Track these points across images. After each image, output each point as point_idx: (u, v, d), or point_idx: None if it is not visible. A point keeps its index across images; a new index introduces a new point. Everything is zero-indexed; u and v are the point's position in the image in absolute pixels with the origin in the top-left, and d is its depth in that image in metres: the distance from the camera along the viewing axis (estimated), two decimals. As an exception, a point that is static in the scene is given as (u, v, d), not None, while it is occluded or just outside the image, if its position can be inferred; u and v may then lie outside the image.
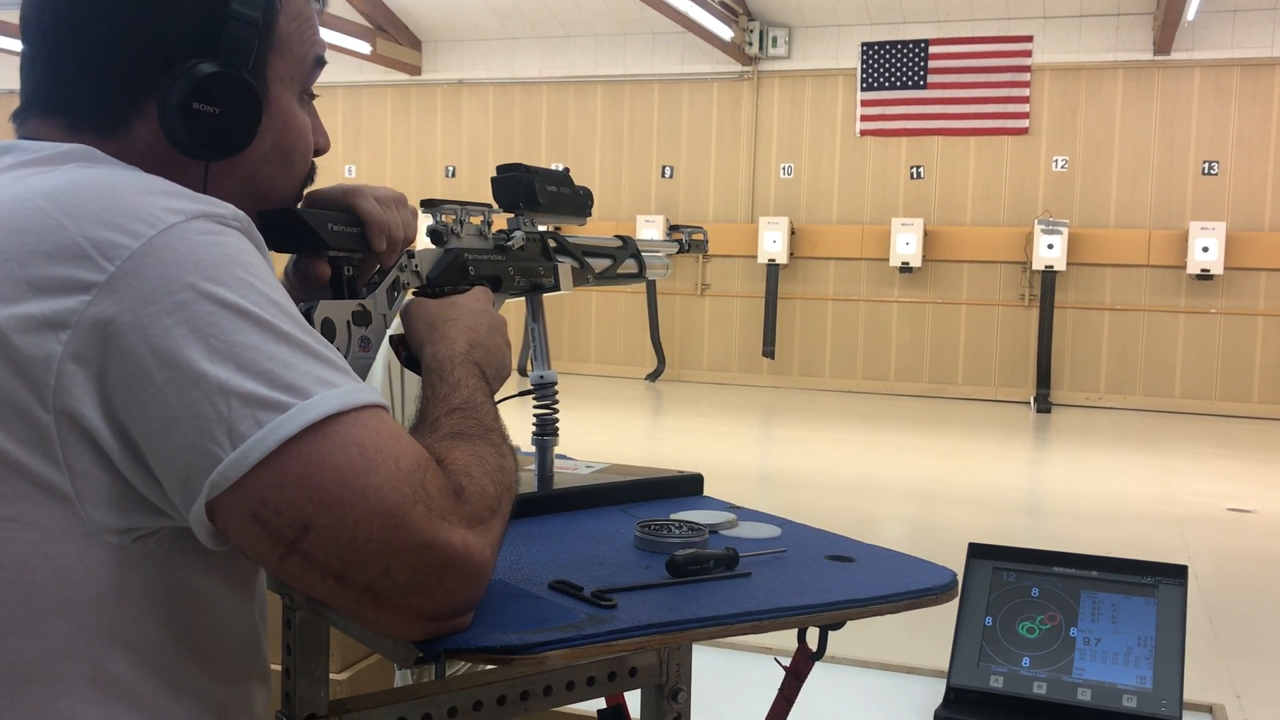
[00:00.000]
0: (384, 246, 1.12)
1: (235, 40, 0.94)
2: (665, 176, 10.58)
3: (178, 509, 0.80)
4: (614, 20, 10.32)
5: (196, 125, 0.91)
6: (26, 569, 0.77)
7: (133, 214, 0.80)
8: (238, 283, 0.81)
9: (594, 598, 0.99)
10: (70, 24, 0.91)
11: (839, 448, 7.45)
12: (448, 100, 11.42)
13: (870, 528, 5.00)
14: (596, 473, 1.48)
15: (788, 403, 9.41)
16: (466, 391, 1.03)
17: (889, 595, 1.10)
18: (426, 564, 0.82)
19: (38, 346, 0.76)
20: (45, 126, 0.93)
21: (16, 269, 0.78)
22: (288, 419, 0.78)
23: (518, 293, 1.39)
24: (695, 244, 1.71)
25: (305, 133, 1.03)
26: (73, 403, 0.77)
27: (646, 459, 2.28)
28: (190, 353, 0.77)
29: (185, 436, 0.77)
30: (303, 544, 0.79)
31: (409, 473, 0.82)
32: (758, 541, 1.23)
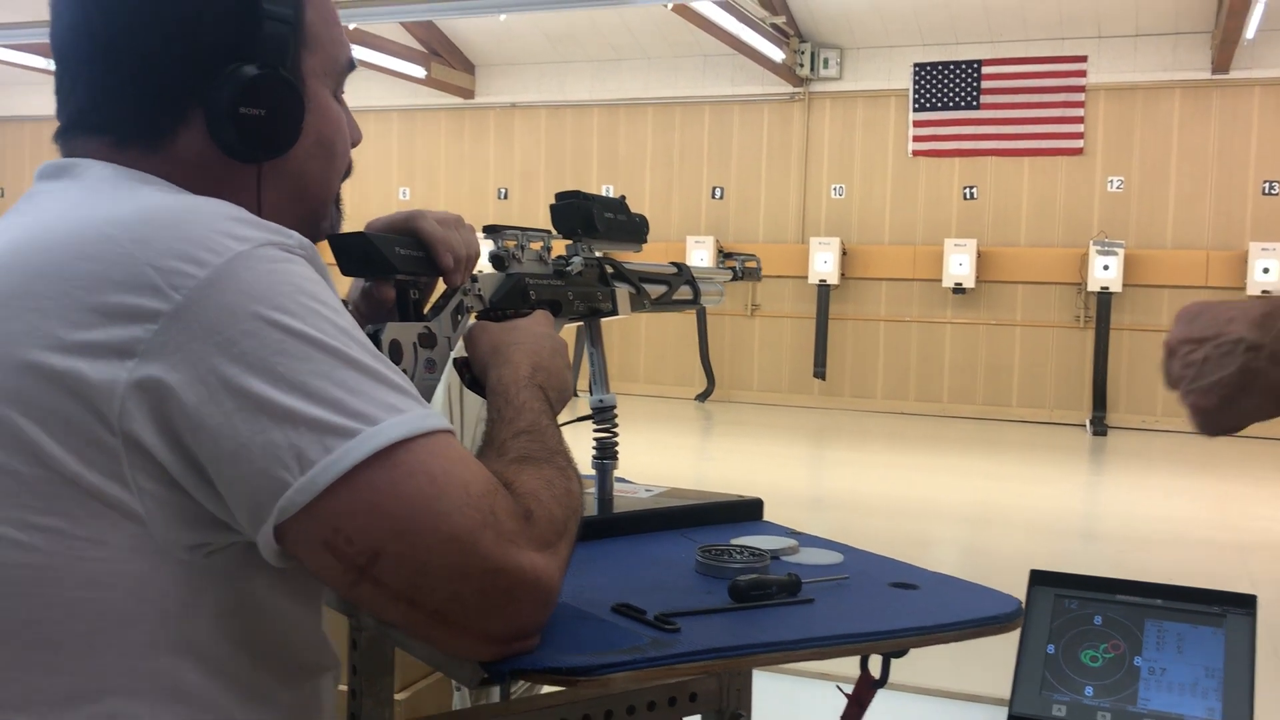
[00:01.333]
0: (451, 264, 1.13)
1: (272, 40, 0.95)
2: (716, 197, 10.59)
3: (243, 528, 0.82)
4: (665, 43, 10.37)
5: (245, 129, 0.93)
6: (103, 586, 0.79)
7: (199, 243, 0.81)
8: (304, 310, 0.82)
9: (657, 621, 0.99)
10: (108, 44, 0.92)
11: (891, 470, 7.39)
12: (500, 123, 11.53)
13: (924, 552, 4.95)
14: (656, 496, 1.49)
15: (839, 424, 9.35)
16: (531, 415, 1.04)
17: (953, 623, 1.09)
18: (496, 588, 0.83)
19: (104, 373, 0.78)
20: (91, 144, 0.94)
21: (84, 296, 0.79)
22: (356, 445, 0.79)
23: (576, 317, 1.40)
24: (749, 272, 1.72)
25: (343, 125, 1.05)
26: (136, 427, 0.78)
27: (696, 480, 2.27)
28: (258, 380, 0.79)
29: (255, 462, 0.78)
30: (373, 570, 0.80)
31: (478, 498, 0.83)
32: (820, 568, 1.22)
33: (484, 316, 1.24)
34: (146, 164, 0.93)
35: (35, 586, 0.78)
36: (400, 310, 1.15)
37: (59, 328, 0.79)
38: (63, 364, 0.78)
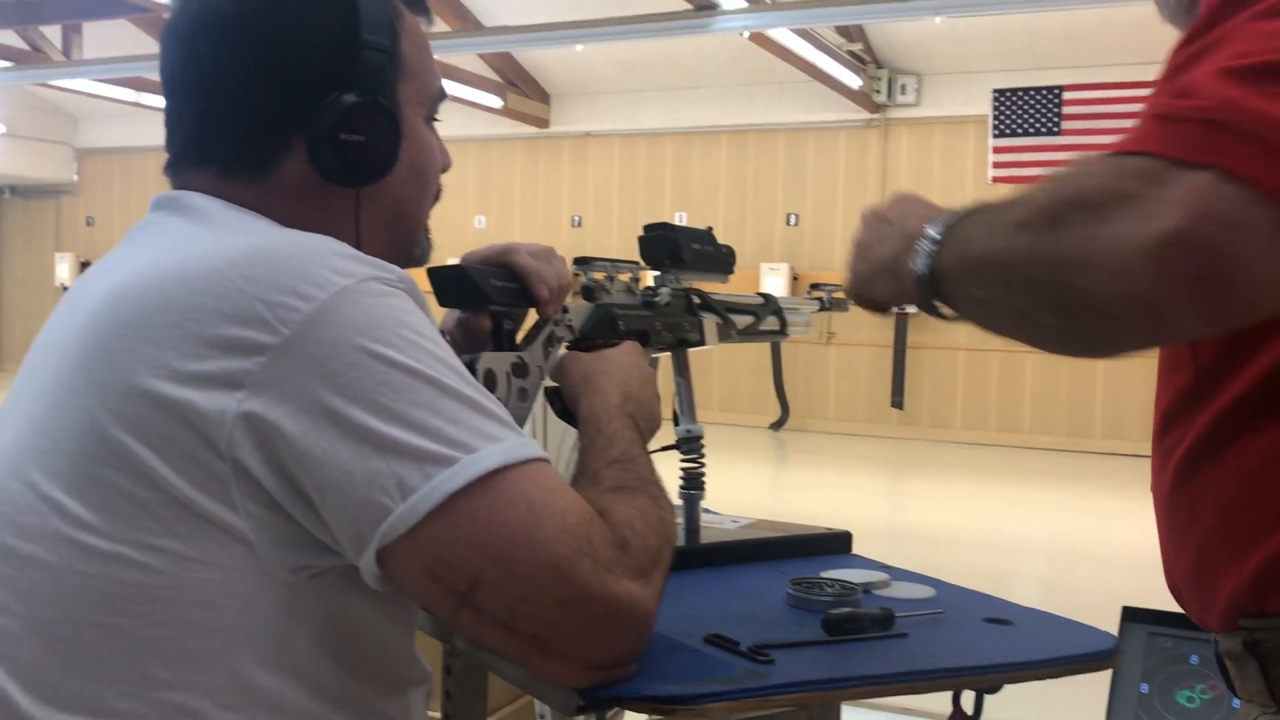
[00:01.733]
0: (546, 295, 1.16)
1: (370, 69, 0.98)
2: (790, 224, 10.57)
3: (346, 552, 0.84)
4: (740, 71, 10.40)
5: (345, 154, 0.96)
6: (214, 606, 0.82)
7: (305, 278, 0.84)
8: (405, 343, 0.84)
9: (751, 652, 0.99)
10: (214, 75, 0.96)
11: (972, 502, 7.28)
12: (574, 152, 11.64)
13: (1007, 586, 4.86)
14: (743, 528, 1.49)
15: (917, 454, 9.24)
16: (623, 444, 1.05)
17: (1048, 660, 1.08)
18: (593, 616, 0.84)
19: (214, 402, 0.81)
20: (199, 176, 0.98)
21: (197, 328, 0.82)
22: (455, 473, 0.81)
23: (664, 347, 1.41)
24: (836, 302, 1.71)
25: (435, 152, 1.08)
26: (243, 455, 0.81)
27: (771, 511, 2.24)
28: (362, 411, 0.81)
29: (358, 490, 0.81)
30: (474, 597, 0.82)
31: (575, 526, 0.84)
32: (912, 602, 1.21)
33: (574, 346, 1.26)
34: (250, 193, 0.97)
35: (152, 605, 0.81)
36: (495, 340, 1.17)
37: (173, 358, 0.82)
38: (175, 393, 0.81)
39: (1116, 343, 0.79)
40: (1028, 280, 0.79)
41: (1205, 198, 0.71)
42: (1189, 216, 0.70)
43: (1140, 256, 0.71)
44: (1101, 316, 0.76)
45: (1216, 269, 0.71)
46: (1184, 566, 0.99)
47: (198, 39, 0.97)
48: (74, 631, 0.81)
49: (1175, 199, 0.71)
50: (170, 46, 0.99)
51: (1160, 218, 0.71)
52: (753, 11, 7.54)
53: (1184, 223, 0.70)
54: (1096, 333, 0.78)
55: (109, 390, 0.83)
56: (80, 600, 0.81)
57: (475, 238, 11.25)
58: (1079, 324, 0.78)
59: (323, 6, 0.97)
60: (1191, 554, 0.97)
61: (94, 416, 0.83)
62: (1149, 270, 0.71)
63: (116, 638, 0.81)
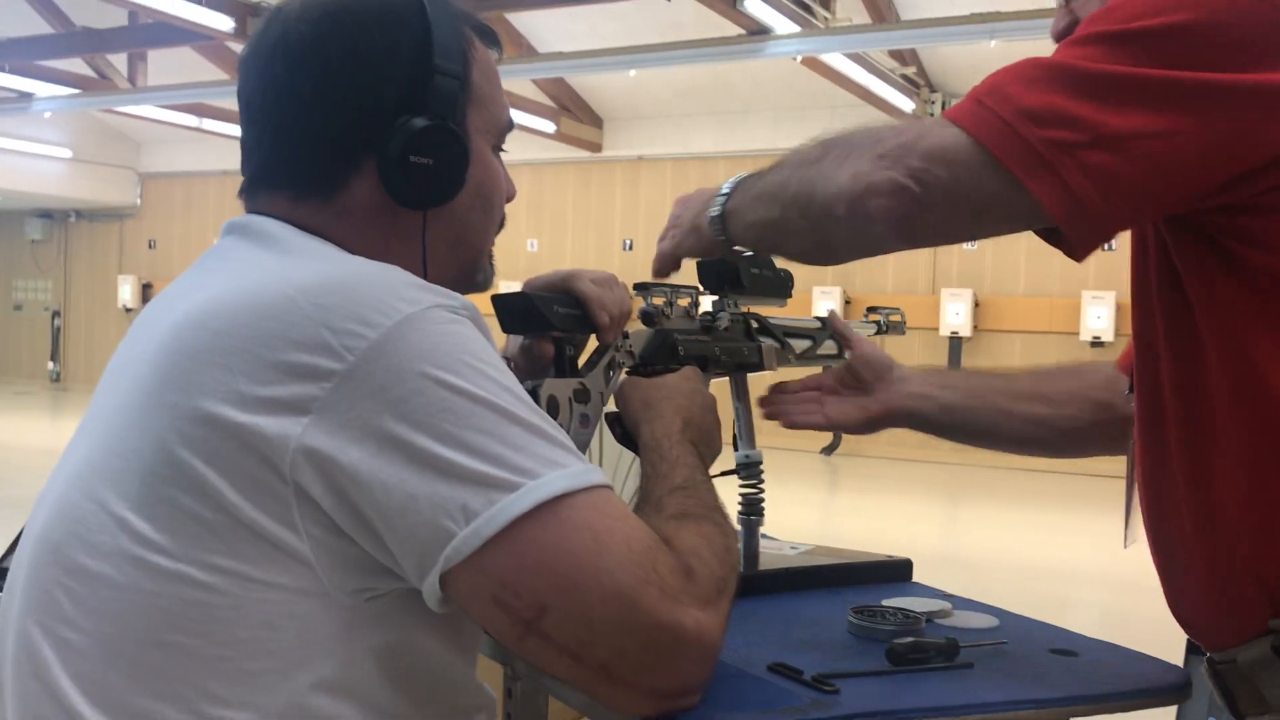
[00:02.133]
0: (606, 322, 1.16)
1: (442, 94, 0.99)
2: (843, 249, 10.52)
3: (408, 576, 0.85)
4: (793, 95, 10.41)
5: (415, 177, 0.97)
6: (275, 627, 0.83)
7: (371, 306, 0.85)
8: (469, 370, 0.85)
9: (815, 682, 0.98)
10: (291, 97, 0.98)
11: (1028, 529, 7.18)
12: (626, 175, 11.70)
13: (1065, 615, 4.78)
14: (802, 554, 1.48)
15: (971, 480, 9.13)
16: (686, 470, 1.05)
17: (1117, 693, 1.06)
18: (660, 644, 0.84)
19: (279, 427, 0.82)
20: (272, 199, 1.00)
21: (265, 353, 0.84)
22: (518, 498, 0.82)
23: (723, 372, 1.41)
24: (893, 326, 1.71)
25: (501, 180, 1.09)
26: (305, 479, 0.82)
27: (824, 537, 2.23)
28: (425, 437, 0.82)
29: (422, 514, 0.81)
30: (541, 625, 0.82)
31: (640, 555, 0.84)
32: (976, 632, 1.20)
33: (634, 372, 1.26)
34: (321, 216, 0.99)
35: (213, 624, 0.82)
36: (557, 366, 1.18)
37: (240, 382, 0.83)
38: (241, 417, 0.82)
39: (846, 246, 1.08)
40: (787, 193, 1.08)
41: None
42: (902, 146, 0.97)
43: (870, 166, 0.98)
44: (833, 219, 1.02)
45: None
46: (1196, 586, 1.04)
47: (277, 63, 0.99)
48: (138, 649, 0.83)
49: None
50: (249, 72, 1.02)
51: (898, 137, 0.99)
52: (805, 36, 7.55)
53: (899, 148, 0.97)
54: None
55: (177, 413, 0.85)
56: (144, 618, 0.83)
57: (528, 260, 11.33)
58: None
59: (400, 33, 0.99)
60: (1205, 569, 1.02)
61: (163, 438, 0.84)
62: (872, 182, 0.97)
63: (178, 656, 0.82)
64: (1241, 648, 1.00)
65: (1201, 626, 1.08)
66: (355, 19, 0.98)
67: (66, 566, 0.86)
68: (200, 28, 8.17)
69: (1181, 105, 0.89)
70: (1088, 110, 0.90)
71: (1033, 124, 0.91)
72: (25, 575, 0.90)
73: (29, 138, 13.51)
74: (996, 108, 0.93)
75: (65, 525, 0.88)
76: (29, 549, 0.91)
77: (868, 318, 1.70)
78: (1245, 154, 0.90)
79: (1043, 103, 0.91)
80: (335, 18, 0.98)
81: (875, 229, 0.98)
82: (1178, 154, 0.90)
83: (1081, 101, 0.90)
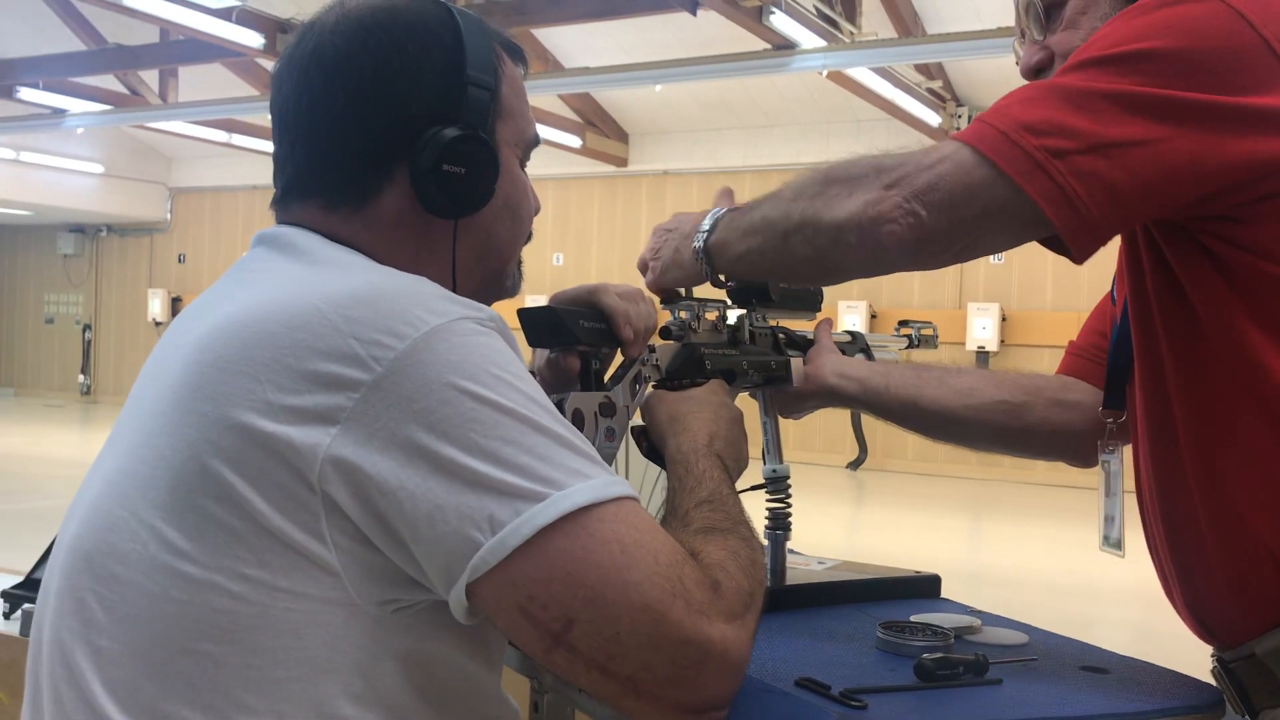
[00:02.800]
0: (631, 336, 1.17)
1: (473, 105, 1.01)
2: (868, 263, 10.49)
3: (434, 587, 0.85)
4: (818, 109, 10.41)
5: (446, 186, 0.98)
6: (302, 636, 0.83)
7: (400, 318, 0.85)
8: (495, 381, 0.85)
9: (843, 697, 0.97)
10: (325, 107, 0.99)
11: (1055, 545, 7.12)
12: (652, 190, 11.72)
13: (1093, 631, 4.74)
14: (829, 569, 1.47)
15: (997, 496, 9.07)
16: (712, 484, 1.05)
17: (1149, 711, 1.05)
18: (686, 659, 0.83)
19: (308, 437, 0.82)
20: (304, 210, 1.02)
21: (294, 363, 0.84)
22: (544, 508, 0.82)
23: (751, 386, 1.40)
24: (925, 340, 1.70)
25: (529, 192, 1.11)
26: (334, 489, 0.82)
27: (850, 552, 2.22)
28: (452, 448, 0.82)
29: (449, 524, 0.82)
30: (568, 637, 0.82)
31: (667, 568, 0.84)
32: (1006, 648, 1.19)
33: (660, 386, 1.26)
34: (352, 225, 1.00)
35: (241, 633, 0.83)
36: (583, 380, 1.18)
37: (270, 392, 0.84)
38: (270, 427, 0.83)
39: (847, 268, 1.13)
40: (787, 209, 1.12)
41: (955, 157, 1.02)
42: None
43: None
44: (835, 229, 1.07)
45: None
46: (1215, 585, 1.09)
47: (311, 75, 1.00)
48: (167, 656, 0.83)
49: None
50: (283, 84, 1.03)
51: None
52: (831, 50, 7.55)
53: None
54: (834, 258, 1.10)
55: (207, 422, 0.85)
56: (173, 626, 0.83)
57: (553, 274, 11.36)
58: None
59: (433, 46, 1.00)
60: (1223, 566, 1.07)
61: (193, 446, 0.85)
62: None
63: (206, 664, 0.83)
64: (1259, 639, 1.05)
65: (1220, 625, 1.11)
66: (389, 32, 0.99)
67: (98, 574, 0.87)
68: (231, 44, 8.26)
69: (1163, 117, 0.98)
70: (1081, 122, 0.98)
71: (1030, 134, 0.99)
72: (58, 583, 0.91)
73: (62, 153, 13.68)
74: (997, 124, 1.01)
75: (97, 534, 0.89)
76: (61, 557, 0.92)
77: (899, 331, 1.69)
78: (1220, 167, 0.98)
79: (1039, 116, 1.00)
80: (370, 30, 1.00)
81: (887, 255, 1.05)
82: (1162, 161, 0.98)
83: (1075, 115, 0.99)
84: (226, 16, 7.87)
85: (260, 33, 8.23)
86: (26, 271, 16.89)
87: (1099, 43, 1.03)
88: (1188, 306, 1.06)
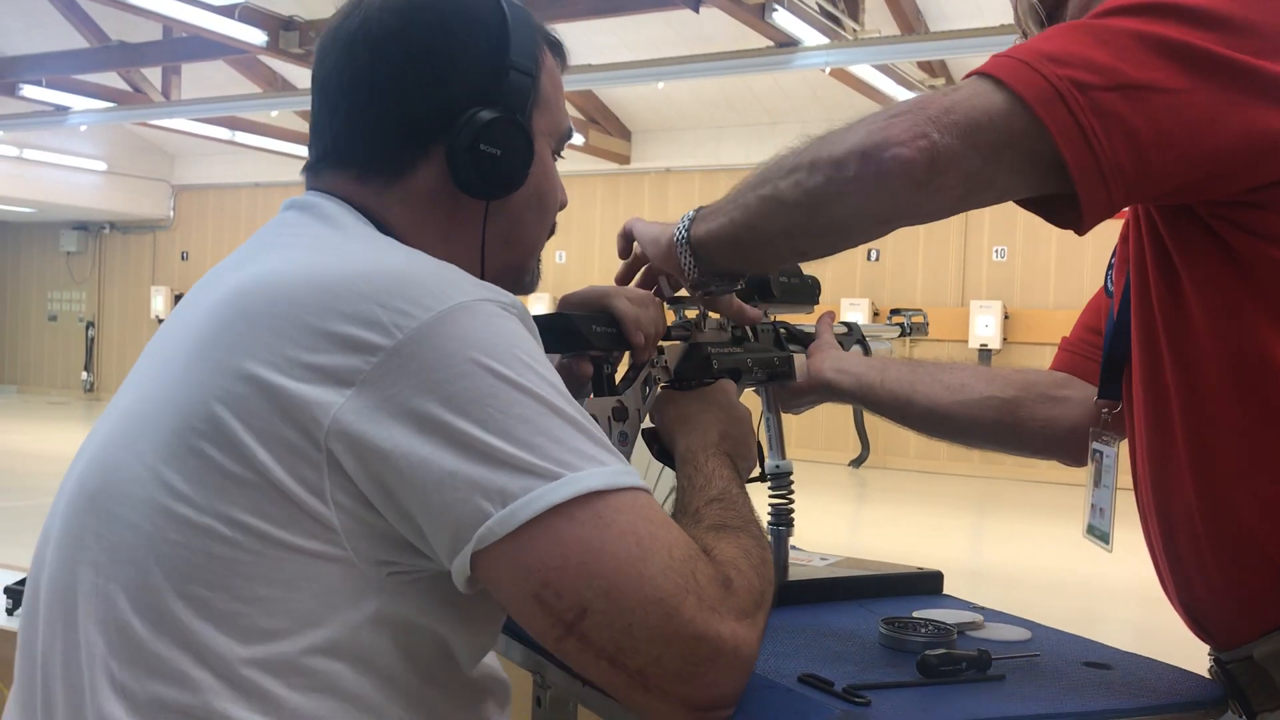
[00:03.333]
0: (641, 341, 1.17)
1: (514, 90, 1.02)
2: (871, 260, 10.50)
3: (437, 555, 0.85)
4: (821, 106, 10.40)
5: (481, 166, 1.00)
6: (296, 588, 0.83)
7: (425, 290, 0.87)
8: (515, 361, 0.86)
9: (846, 693, 0.98)
10: (369, 80, 1.01)
11: (1057, 543, 7.12)
12: (655, 188, 11.72)
13: (1096, 629, 4.73)
14: (831, 565, 1.48)
15: (1000, 494, 9.07)
16: (722, 482, 1.05)
17: (1152, 706, 1.05)
18: (697, 655, 0.84)
19: (320, 395, 0.83)
20: (337, 178, 1.03)
21: (314, 321, 0.85)
22: (557, 487, 0.82)
23: (756, 383, 1.41)
24: (916, 327, 1.71)
25: (557, 185, 1.12)
26: (339, 450, 0.83)
27: (852, 548, 2.23)
28: (467, 422, 0.83)
29: (459, 492, 0.82)
30: (580, 626, 0.83)
31: (681, 563, 0.85)
32: (1008, 644, 1.19)
33: (670, 387, 1.26)
34: (384, 198, 1.01)
35: (233, 579, 0.83)
36: (595, 385, 1.19)
37: (287, 347, 0.85)
38: (283, 382, 0.83)
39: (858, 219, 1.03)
40: (779, 193, 1.07)
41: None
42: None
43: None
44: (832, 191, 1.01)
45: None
46: (1211, 584, 1.07)
47: (358, 46, 1.02)
48: (160, 598, 0.83)
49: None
50: (328, 52, 1.04)
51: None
52: (834, 48, 7.55)
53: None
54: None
55: (220, 369, 0.86)
56: (168, 568, 0.84)
57: (556, 273, 11.36)
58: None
59: (478, 28, 1.02)
60: (1218, 566, 1.05)
61: (202, 391, 0.86)
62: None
63: (198, 608, 0.83)
64: (1257, 643, 1.02)
65: (1217, 625, 1.09)
66: (437, 11, 1.01)
67: (100, 515, 0.88)
68: (233, 41, 8.27)
69: (1189, 66, 0.94)
70: (1105, 58, 0.94)
71: (1052, 64, 0.94)
72: (61, 522, 0.92)
73: (64, 151, 13.70)
74: (1019, 54, 0.96)
75: (102, 474, 0.90)
76: (65, 499, 0.93)
77: (892, 320, 1.70)
78: (1241, 133, 0.94)
79: (1065, 49, 0.95)
80: (417, 8, 1.01)
81: (891, 185, 0.96)
82: (1182, 112, 0.93)
83: (1100, 50, 0.94)
84: (229, 14, 7.88)
85: (263, 30, 8.24)
86: (30, 269, 16.91)
87: None
88: (1188, 299, 1.02)
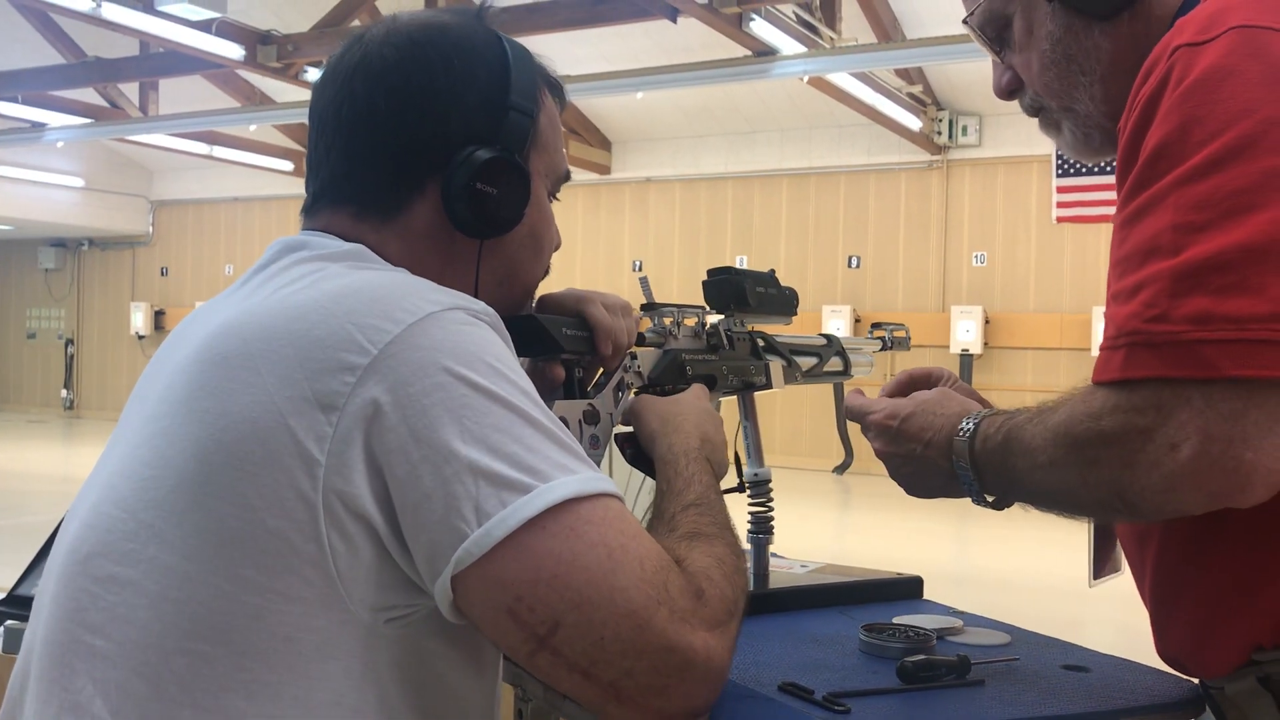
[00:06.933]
0: (609, 352, 1.18)
1: (513, 129, 1.03)
2: (852, 266, 10.53)
3: (425, 582, 0.85)
4: (800, 115, 10.44)
5: (477, 205, 1.00)
6: (294, 640, 0.83)
7: (396, 305, 0.87)
8: (488, 369, 0.86)
9: (826, 701, 0.98)
10: (367, 115, 1.01)
11: (1040, 547, 7.13)
12: (635, 197, 11.73)
13: (1078, 632, 4.74)
14: (812, 572, 1.48)
15: (983, 497, 9.07)
16: (700, 488, 1.05)
17: (1129, 709, 1.05)
18: (668, 666, 0.83)
19: (311, 428, 0.83)
20: (334, 216, 1.02)
21: (291, 353, 0.85)
22: (529, 500, 0.82)
23: (730, 391, 1.41)
24: (898, 341, 1.71)
25: (553, 225, 1.12)
26: (343, 483, 0.82)
27: (835, 555, 2.23)
28: (445, 433, 0.83)
29: (436, 512, 0.82)
30: (552, 640, 0.82)
31: (652, 574, 0.85)
32: (987, 648, 1.19)
33: (643, 392, 1.26)
34: (381, 234, 1.01)
35: (233, 634, 0.83)
36: (566, 388, 1.18)
37: (270, 384, 0.85)
38: (272, 420, 0.83)
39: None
40: (1082, 501, 0.98)
41: (1208, 418, 0.84)
42: (1203, 441, 0.84)
43: (1174, 481, 0.86)
44: (1153, 515, 0.93)
45: (1234, 477, 0.84)
46: (1181, 617, 1.05)
47: (356, 82, 1.01)
48: (161, 656, 0.83)
49: (1186, 425, 0.85)
50: (326, 90, 1.04)
51: (1182, 445, 0.85)
52: (812, 56, 7.58)
53: (1200, 447, 0.84)
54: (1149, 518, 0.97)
55: (208, 417, 0.86)
56: (169, 625, 0.83)
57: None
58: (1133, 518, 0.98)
59: (480, 66, 1.02)
60: (1190, 599, 1.03)
61: (194, 443, 0.85)
62: (1185, 488, 0.86)
63: (199, 664, 0.82)
64: (1227, 679, 1.00)
65: (1187, 658, 1.07)
66: (438, 47, 1.01)
67: (96, 576, 0.87)
68: (211, 56, 8.24)
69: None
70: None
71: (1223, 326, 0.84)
72: (55, 585, 0.91)
73: (41, 167, 13.62)
74: (1232, 335, 0.84)
75: (96, 535, 0.89)
76: (60, 561, 0.92)
77: (873, 334, 1.70)
78: None
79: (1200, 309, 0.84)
80: (419, 44, 1.01)
81: (1205, 504, 0.89)
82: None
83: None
84: (207, 29, 7.86)
85: (240, 44, 8.21)
86: (7, 286, 16.80)
87: (1190, 140, 0.87)
88: None
